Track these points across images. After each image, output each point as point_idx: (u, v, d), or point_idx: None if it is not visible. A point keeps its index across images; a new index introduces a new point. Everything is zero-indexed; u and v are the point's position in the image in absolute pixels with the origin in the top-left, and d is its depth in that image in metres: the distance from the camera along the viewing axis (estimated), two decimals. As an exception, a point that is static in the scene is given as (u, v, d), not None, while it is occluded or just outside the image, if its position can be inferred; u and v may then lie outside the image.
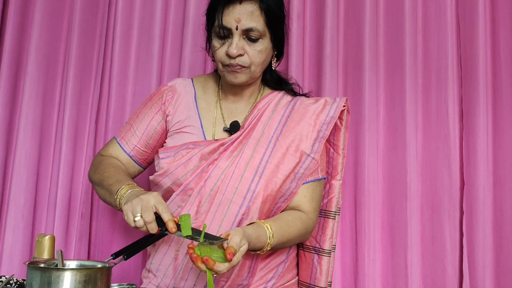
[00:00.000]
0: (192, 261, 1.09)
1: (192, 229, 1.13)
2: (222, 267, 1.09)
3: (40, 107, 1.77)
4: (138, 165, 1.46)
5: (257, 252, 1.25)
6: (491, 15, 1.68)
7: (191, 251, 1.10)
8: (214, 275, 1.11)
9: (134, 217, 1.12)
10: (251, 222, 1.28)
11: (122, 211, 1.19)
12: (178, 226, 1.12)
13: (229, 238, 1.12)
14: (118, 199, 1.23)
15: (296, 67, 1.77)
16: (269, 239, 1.23)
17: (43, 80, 1.78)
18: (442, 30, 1.70)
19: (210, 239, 1.12)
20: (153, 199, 1.14)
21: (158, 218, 1.13)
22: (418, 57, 1.72)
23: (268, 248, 1.24)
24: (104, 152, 1.47)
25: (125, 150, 1.44)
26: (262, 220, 1.27)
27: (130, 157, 1.44)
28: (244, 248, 1.13)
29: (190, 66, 1.83)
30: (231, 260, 1.09)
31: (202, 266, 1.09)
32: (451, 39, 1.68)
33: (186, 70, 1.83)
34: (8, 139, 1.77)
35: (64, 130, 1.77)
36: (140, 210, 1.12)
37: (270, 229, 1.24)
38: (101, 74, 1.85)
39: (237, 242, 1.12)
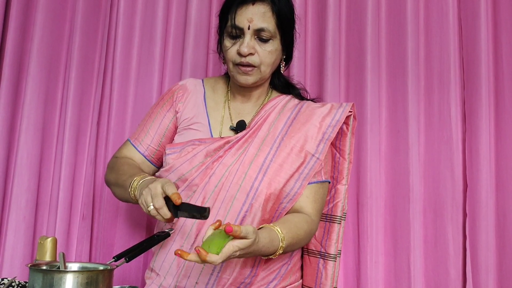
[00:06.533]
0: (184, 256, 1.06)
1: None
2: (214, 258, 1.05)
3: (42, 109, 1.77)
4: (153, 164, 1.48)
5: (270, 256, 1.23)
6: (493, 18, 1.68)
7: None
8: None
9: (147, 208, 1.15)
10: (260, 227, 1.25)
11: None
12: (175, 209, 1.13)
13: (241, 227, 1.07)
14: (132, 192, 1.26)
15: (297, 69, 1.77)
16: (281, 242, 1.21)
17: (45, 81, 1.78)
18: (444, 32, 1.69)
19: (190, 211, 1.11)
20: (159, 184, 1.16)
21: (173, 205, 1.14)
22: (420, 60, 1.72)
23: (281, 252, 1.22)
24: (118, 154, 1.50)
25: (139, 150, 1.47)
26: (271, 224, 1.25)
27: (145, 157, 1.47)
28: (247, 243, 1.08)
29: (191, 67, 1.83)
30: (232, 231, 1.03)
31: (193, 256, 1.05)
32: (453, 42, 1.68)
33: (188, 72, 1.82)
34: (10, 140, 1.76)
35: (66, 132, 1.76)
36: (150, 199, 1.15)
37: (280, 232, 1.22)
38: (103, 75, 1.85)
39: (249, 231, 1.07)
